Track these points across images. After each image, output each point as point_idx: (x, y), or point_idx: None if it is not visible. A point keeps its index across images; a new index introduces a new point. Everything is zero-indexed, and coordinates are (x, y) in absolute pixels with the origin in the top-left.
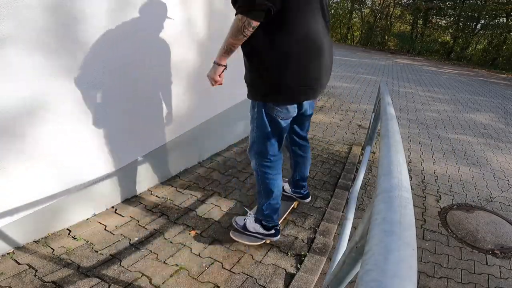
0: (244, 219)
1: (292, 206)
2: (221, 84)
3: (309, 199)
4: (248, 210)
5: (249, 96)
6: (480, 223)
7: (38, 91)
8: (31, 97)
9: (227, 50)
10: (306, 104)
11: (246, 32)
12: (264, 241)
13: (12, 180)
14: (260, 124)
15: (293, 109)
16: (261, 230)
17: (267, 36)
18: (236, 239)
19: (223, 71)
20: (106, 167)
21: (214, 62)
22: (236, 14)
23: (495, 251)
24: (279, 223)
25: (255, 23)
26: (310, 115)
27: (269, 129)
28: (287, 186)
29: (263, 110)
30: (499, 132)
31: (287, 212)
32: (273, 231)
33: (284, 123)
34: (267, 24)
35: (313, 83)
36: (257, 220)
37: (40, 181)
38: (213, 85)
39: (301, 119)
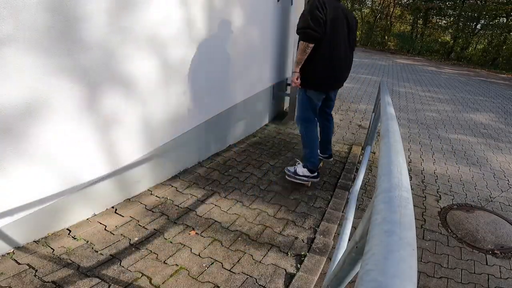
0: (294, 167)
1: (320, 164)
2: (297, 85)
3: (332, 159)
4: (298, 160)
5: (300, 85)
6: (480, 223)
7: (38, 91)
8: (31, 97)
9: (298, 63)
10: (330, 93)
11: (307, 51)
12: (309, 182)
13: (12, 180)
14: (302, 100)
15: (320, 95)
16: (307, 173)
17: (311, 56)
18: (291, 179)
19: (297, 77)
20: (106, 167)
21: (293, 72)
22: (300, 41)
23: (495, 251)
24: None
25: (311, 45)
26: (333, 100)
27: (307, 104)
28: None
29: (304, 92)
30: (499, 132)
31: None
32: (315, 174)
33: (315, 101)
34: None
35: (331, 82)
36: (304, 166)
37: (40, 181)
38: (294, 85)
39: (328, 102)
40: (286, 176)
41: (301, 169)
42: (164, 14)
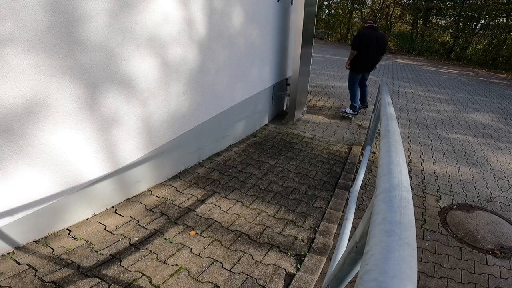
0: (344, 109)
1: (359, 110)
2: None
3: (368, 107)
4: (346, 107)
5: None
6: (480, 223)
7: (38, 91)
8: (31, 97)
9: (349, 59)
10: (364, 74)
11: (353, 54)
12: (355, 116)
13: (12, 180)
14: (351, 77)
15: (359, 75)
16: (352, 112)
17: (355, 56)
18: (343, 115)
19: (348, 65)
20: (106, 167)
21: (346, 62)
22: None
23: (495, 251)
24: (358, 111)
25: (355, 53)
26: (366, 78)
27: (353, 78)
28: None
29: (352, 74)
30: (499, 132)
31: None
32: (356, 113)
33: (357, 78)
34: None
35: (366, 69)
36: (351, 107)
37: (40, 181)
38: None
39: (363, 77)
40: (340, 113)
41: (348, 110)
42: (164, 14)
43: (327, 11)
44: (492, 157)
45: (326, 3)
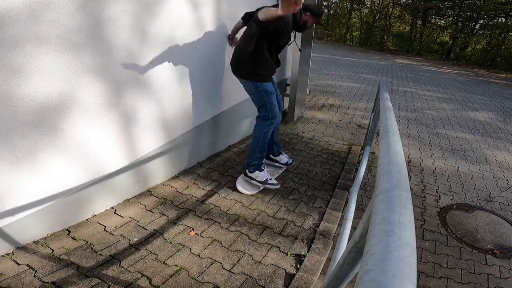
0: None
1: None
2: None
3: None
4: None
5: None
6: (480, 223)
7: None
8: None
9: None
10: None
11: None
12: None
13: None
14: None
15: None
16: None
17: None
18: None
19: None
20: (107, 167)
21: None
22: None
23: (495, 251)
24: None
25: None
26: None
27: None
28: None
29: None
30: (498, 131)
31: None
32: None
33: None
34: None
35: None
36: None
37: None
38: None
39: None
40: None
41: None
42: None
43: (326, 11)
44: (491, 157)
45: (325, 3)
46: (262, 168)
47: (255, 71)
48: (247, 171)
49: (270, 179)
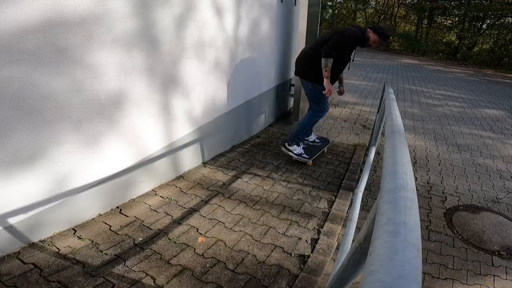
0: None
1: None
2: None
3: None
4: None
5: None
6: (486, 224)
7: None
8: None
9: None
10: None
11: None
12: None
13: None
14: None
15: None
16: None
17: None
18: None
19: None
20: (108, 168)
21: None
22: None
23: (501, 252)
24: None
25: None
26: None
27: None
28: None
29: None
30: (505, 132)
31: None
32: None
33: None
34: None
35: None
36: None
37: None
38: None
39: None
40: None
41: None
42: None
43: (330, 11)
44: (499, 158)
45: (329, 3)
46: (300, 144)
47: (318, 77)
48: (287, 143)
49: (304, 153)
